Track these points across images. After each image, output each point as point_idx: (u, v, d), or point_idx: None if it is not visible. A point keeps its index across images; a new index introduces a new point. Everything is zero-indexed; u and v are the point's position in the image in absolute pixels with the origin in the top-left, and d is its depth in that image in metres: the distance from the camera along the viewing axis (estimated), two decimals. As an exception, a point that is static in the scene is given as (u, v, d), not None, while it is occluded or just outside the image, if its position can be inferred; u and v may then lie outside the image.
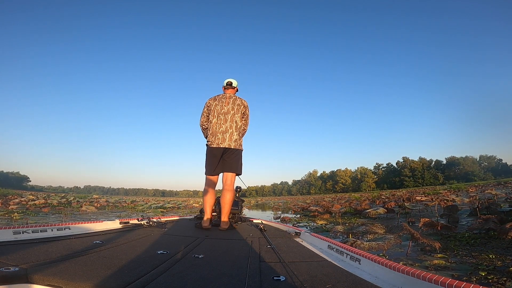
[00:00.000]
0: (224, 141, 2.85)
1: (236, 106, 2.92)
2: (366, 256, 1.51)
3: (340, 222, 6.69)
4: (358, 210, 10.05)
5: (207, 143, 2.99)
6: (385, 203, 11.59)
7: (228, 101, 2.93)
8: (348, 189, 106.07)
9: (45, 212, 11.47)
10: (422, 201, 10.82)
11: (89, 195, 39.36)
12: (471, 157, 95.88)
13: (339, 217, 8.85)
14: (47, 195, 26.83)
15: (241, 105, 2.97)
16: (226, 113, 2.89)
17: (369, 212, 7.94)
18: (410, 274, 1.14)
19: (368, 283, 1.26)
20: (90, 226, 2.62)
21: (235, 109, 2.91)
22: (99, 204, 17.59)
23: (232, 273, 1.34)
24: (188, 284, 1.16)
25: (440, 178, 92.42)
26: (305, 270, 1.44)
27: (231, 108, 2.90)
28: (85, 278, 1.13)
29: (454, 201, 10.41)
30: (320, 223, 7.37)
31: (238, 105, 2.94)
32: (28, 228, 2.03)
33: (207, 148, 2.97)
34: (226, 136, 2.85)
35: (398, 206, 10.47)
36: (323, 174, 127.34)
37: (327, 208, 10.62)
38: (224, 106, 2.91)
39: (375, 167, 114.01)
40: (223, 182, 2.92)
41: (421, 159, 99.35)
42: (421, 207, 8.59)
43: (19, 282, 1.07)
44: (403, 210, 9.13)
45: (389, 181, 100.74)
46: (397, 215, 8.73)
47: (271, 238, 2.40)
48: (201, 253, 1.70)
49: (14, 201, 16.37)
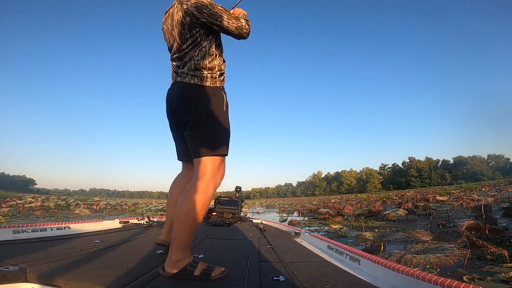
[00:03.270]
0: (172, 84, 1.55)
1: (174, 23, 1.45)
2: (366, 256, 1.50)
3: (363, 226, 5.84)
4: (373, 212, 9.20)
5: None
6: (401, 203, 10.69)
7: (167, 17, 1.53)
8: (354, 190, 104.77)
9: (37, 215, 10.79)
10: (443, 201, 9.90)
11: (90, 197, 38.87)
12: (479, 157, 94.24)
13: (353, 220, 8.00)
14: (47, 198, 26.26)
15: (180, 19, 1.41)
16: (170, 38, 1.51)
17: (387, 214, 7.09)
18: (410, 275, 1.14)
19: (368, 283, 1.27)
20: (90, 225, 2.59)
21: (175, 29, 1.45)
22: (98, 206, 17.00)
23: (232, 273, 1.32)
24: (188, 284, 1.17)
25: (448, 178, 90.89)
26: (305, 270, 1.44)
27: (170, 26, 1.49)
28: (85, 278, 1.13)
29: (478, 201, 9.57)
30: (334, 228, 6.52)
31: (178, 21, 1.43)
32: (28, 227, 2.02)
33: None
34: (172, 70, 1.55)
35: (415, 207, 9.63)
36: (328, 175, 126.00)
37: (338, 210, 9.76)
38: (167, 28, 1.53)
39: (380, 168, 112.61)
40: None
41: (428, 159, 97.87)
42: (446, 207, 7.69)
43: (19, 281, 1.06)
44: (424, 211, 8.29)
45: (395, 182, 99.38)
46: (418, 217, 7.90)
47: (271, 238, 2.39)
48: (201, 253, 1.69)
49: (10, 203, 15.81)
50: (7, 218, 8.75)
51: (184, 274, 1.24)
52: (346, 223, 7.50)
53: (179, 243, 1.27)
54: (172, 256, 1.26)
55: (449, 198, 11.64)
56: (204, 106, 1.38)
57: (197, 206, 1.27)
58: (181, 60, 1.45)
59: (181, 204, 1.30)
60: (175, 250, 1.27)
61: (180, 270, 1.24)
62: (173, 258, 1.26)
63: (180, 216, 1.28)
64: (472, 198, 9.76)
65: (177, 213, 1.30)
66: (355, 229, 6.44)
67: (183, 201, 1.30)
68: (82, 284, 1.08)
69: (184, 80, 1.42)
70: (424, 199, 12.14)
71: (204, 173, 1.34)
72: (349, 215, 8.61)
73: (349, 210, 9.18)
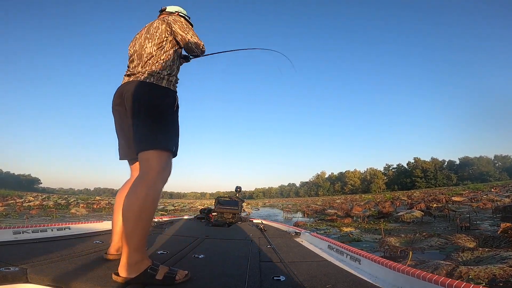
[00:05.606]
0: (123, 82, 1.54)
1: (151, 28, 1.58)
2: (366, 256, 1.50)
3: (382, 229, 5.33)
4: (384, 213, 8.67)
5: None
6: (413, 204, 10.16)
7: (141, 33, 1.63)
8: (357, 191, 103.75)
9: (32, 214, 10.43)
10: (460, 202, 9.33)
11: (92, 197, 38.72)
12: (485, 157, 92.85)
13: (366, 222, 7.48)
14: (47, 197, 26.03)
15: (159, 26, 1.57)
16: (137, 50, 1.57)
17: (402, 216, 6.57)
18: (410, 274, 1.14)
19: (368, 283, 1.27)
20: (90, 226, 2.60)
21: (147, 34, 1.57)
22: (98, 206, 16.68)
23: (232, 273, 1.34)
24: (188, 284, 1.17)
25: (454, 178, 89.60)
26: (305, 270, 1.44)
27: (143, 40, 1.57)
28: (85, 279, 1.12)
29: (495, 201, 9.02)
30: (345, 230, 6.01)
31: (155, 27, 1.58)
32: (28, 228, 2.04)
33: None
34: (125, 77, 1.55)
35: (426, 207, 9.10)
36: (331, 175, 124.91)
37: (346, 211, 9.24)
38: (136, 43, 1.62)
39: (385, 168, 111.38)
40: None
41: (433, 159, 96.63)
42: (466, 208, 7.15)
43: (19, 282, 1.07)
44: (440, 213, 7.75)
45: (400, 182, 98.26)
46: (434, 218, 7.37)
47: (271, 238, 2.41)
48: (201, 253, 1.70)
49: (9, 202, 15.54)
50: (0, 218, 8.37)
51: (144, 278, 1.14)
52: (357, 225, 6.99)
53: (135, 244, 1.16)
54: (128, 259, 1.14)
55: (464, 199, 11.03)
56: (156, 102, 1.39)
57: (147, 202, 1.20)
58: (141, 59, 1.52)
59: (129, 202, 1.20)
60: (132, 252, 1.15)
61: (139, 274, 1.14)
62: (130, 260, 1.14)
63: (131, 216, 1.17)
64: (490, 198, 9.17)
65: (127, 213, 1.19)
66: (367, 232, 5.94)
67: (131, 199, 1.20)
68: (83, 284, 1.08)
69: (139, 78, 1.44)
70: (436, 199, 11.59)
71: (150, 167, 1.27)
72: (358, 217, 8.09)
73: (358, 211, 8.66)
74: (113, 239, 1.51)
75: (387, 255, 3.59)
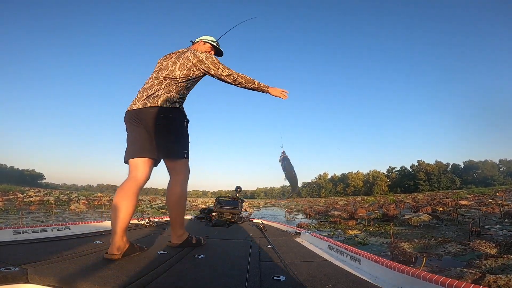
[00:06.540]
0: (139, 101, 1.79)
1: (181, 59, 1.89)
2: (366, 256, 1.50)
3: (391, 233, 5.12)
4: (389, 216, 8.44)
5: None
6: (418, 207, 9.93)
7: (172, 55, 1.96)
8: (360, 192, 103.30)
9: (31, 210, 10.33)
10: (468, 206, 9.08)
11: (94, 193, 38.76)
12: (490, 161, 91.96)
13: (371, 224, 7.26)
14: (49, 192, 26.02)
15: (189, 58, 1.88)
16: (163, 69, 1.90)
17: (409, 219, 6.34)
18: (410, 274, 1.14)
19: (368, 283, 1.27)
20: (90, 226, 2.62)
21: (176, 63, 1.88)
22: (100, 202, 16.57)
23: (232, 273, 1.35)
24: (188, 284, 1.18)
25: (458, 182, 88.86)
26: (305, 270, 1.44)
27: (171, 63, 1.89)
28: (86, 279, 1.13)
29: (503, 206, 8.76)
30: (350, 233, 5.81)
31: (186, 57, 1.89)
32: (28, 228, 2.05)
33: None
34: (144, 94, 1.82)
35: (432, 211, 8.87)
36: (334, 176, 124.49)
37: (351, 213, 9.03)
38: (164, 62, 1.94)
39: (388, 170, 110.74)
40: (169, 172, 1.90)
41: (438, 162, 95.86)
42: (476, 212, 6.92)
43: (19, 282, 1.07)
44: (447, 216, 7.51)
45: (403, 185, 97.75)
46: (441, 222, 7.13)
47: (271, 238, 2.42)
48: (201, 253, 1.71)
49: (9, 197, 15.50)
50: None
51: (186, 243, 1.87)
52: (362, 228, 6.78)
53: (180, 223, 1.85)
54: (177, 232, 1.86)
55: (472, 203, 10.77)
56: (177, 122, 1.83)
57: (183, 194, 1.83)
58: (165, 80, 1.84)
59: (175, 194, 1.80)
60: (178, 228, 1.86)
61: (183, 241, 1.87)
62: (178, 233, 1.86)
63: (175, 204, 1.81)
64: (498, 203, 8.92)
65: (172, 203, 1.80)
66: (373, 235, 5.72)
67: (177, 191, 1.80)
68: (83, 285, 1.08)
69: (157, 103, 1.75)
70: (442, 203, 11.32)
71: (182, 171, 1.84)
72: (363, 219, 7.88)
73: (362, 214, 8.45)
74: (113, 239, 1.56)
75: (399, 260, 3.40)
